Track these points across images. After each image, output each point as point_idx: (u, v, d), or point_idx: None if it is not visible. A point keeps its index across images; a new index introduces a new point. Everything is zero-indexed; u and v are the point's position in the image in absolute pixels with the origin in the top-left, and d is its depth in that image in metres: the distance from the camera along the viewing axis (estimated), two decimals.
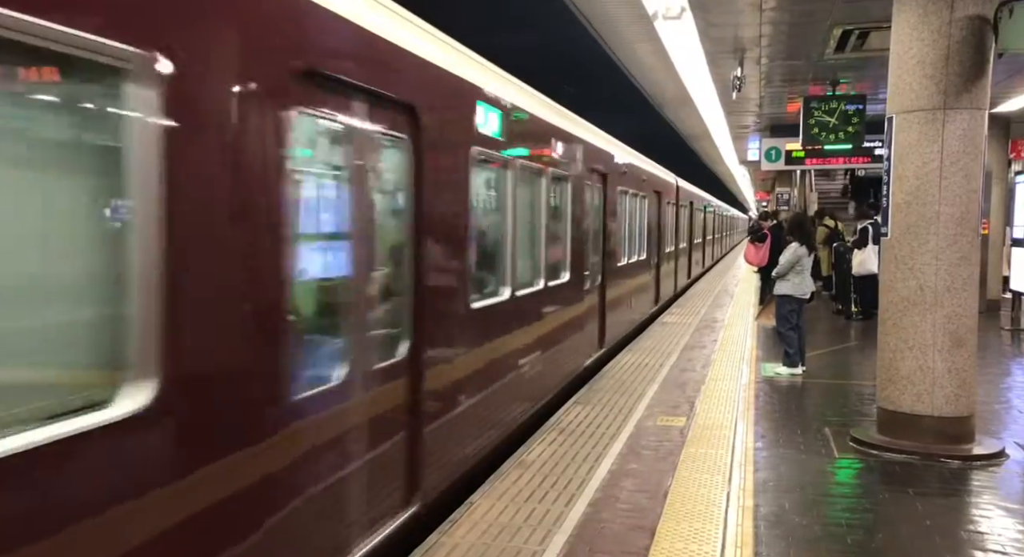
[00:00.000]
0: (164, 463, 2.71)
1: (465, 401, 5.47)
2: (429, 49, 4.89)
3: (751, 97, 14.68)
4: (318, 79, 3.58)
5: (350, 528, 3.93)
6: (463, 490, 5.36)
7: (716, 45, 10.59)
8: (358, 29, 3.98)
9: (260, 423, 3.23)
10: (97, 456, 2.43)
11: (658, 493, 5.19)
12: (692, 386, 8.51)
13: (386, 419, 4.32)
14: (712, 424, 6.94)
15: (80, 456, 2.37)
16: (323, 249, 3.98)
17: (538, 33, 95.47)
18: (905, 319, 6.36)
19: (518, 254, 6.73)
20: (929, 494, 5.40)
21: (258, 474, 3.18)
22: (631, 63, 12.22)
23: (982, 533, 4.74)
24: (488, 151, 5.88)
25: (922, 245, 6.26)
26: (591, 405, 7.58)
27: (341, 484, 3.85)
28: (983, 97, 6.24)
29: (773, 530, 4.68)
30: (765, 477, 5.62)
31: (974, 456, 6.12)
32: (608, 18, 9.59)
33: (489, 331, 6.01)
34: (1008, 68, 10.09)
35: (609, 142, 10.92)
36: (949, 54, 6.13)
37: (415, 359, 4.60)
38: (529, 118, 6.95)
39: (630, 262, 12.50)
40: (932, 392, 6.25)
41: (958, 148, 6.17)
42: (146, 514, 2.61)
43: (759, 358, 10.32)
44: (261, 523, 3.23)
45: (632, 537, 4.50)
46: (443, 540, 4.41)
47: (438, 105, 4.97)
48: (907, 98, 6.33)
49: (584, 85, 46.64)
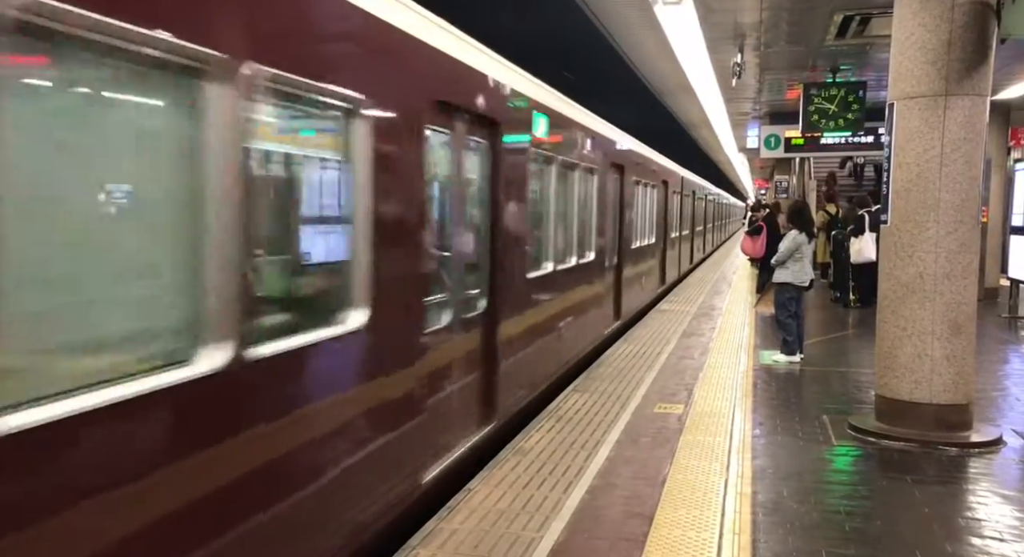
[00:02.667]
0: (376, 366, 4.31)
1: (523, 350, 6.89)
2: (505, 73, 6.36)
3: (750, 84, 14.63)
4: (443, 105, 5.07)
5: (458, 432, 5.54)
6: (522, 418, 6.80)
7: (716, 31, 10.53)
8: (465, 67, 5.48)
9: (425, 348, 4.89)
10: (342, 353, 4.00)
11: (656, 480, 5.20)
12: (690, 374, 8.51)
13: (474, 357, 5.87)
14: (710, 411, 6.94)
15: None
16: (440, 230, 5.34)
17: (537, 18, 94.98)
18: (904, 307, 6.34)
19: (557, 235, 8.22)
20: (927, 481, 5.41)
21: (422, 377, 4.83)
22: (631, 50, 12.16)
23: (979, 520, 4.75)
24: (540, 151, 7.37)
25: (922, 232, 6.24)
26: (589, 393, 7.58)
27: (452, 400, 5.41)
28: (985, 83, 6.20)
29: (771, 517, 4.68)
30: (763, 464, 5.62)
31: (972, 443, 6.12)
32: (609, 4, 9.53)
33: (539, 296, 7.48)
34: (1008, 55, 10.04)
35: (624, 137, 11.91)
36: (951, 40, 6.08)
37: (492, 313, 6.09)
38: (564, 120, 8.24)
39: (642, 245, 13.63)
40: (930, 380, 6.25)
41: (959, 135, 6.14)
42: (374, 396, 4.29)
43: (757, 346, 10.32)
44: (420, 411, 4.81)
45: (630, 524, 4.50)
46: (441, 526, 4.41)
47: (510, 117, 6.43)
48: (908, 84, 6.28)
49: (584, 72, 46.47)
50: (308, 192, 4.14)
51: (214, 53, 2.90)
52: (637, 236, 13.03)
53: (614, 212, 10.97)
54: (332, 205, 4.21)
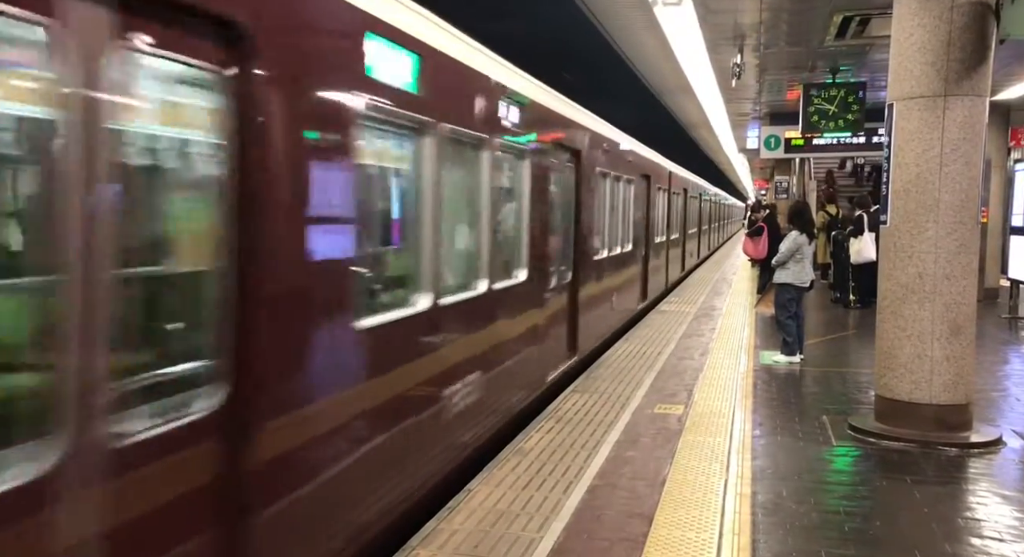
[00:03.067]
0: (530, 303, 7.11)
1: (591, 309, 9.58)
2: (580, 115, 8.99)
3: (750, 85, 14.63)
4: (558, 144, 7.92)
5: (560, 356, 8.32)
6: (591, 357, 9.56)
7: (716, 32, 10.54)
8: (563, 117, 8.17)
9: (548, 299, 7.68)
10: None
11: (656, 481, 5.20)
12: (690, 374, 8.51)
13: (564, 310, 8.46)
14: (710, 412, 6.95)
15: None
16: (554, 225, 7.93)
17: (538, 19, 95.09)
18: (904, 307, 6.35)
19: (607, 230, 10.69)
20: (926, 482, 5.41)
21: (549, 315, 7.69)
22: (631, 50, 12.17)
23: (979, 520, 4.75)
24: (603, 169, 10.05)
25: (921, 233, 6.24)
26: (589, 393, 7.59)
27: (560, 335, 8.27)
28: (984, 84, 6.21)
29: (771, 517, 4.68)
30: (763, 465, 5.62)
31: (971, 444, 6.13)
32: (609, 4, 9.54)
33: (601, 274, 10.19)
34: (1008, 55, 10.04)
35: (645, 148, 14.28)
36: (950, 40, 6.09)
37: (574, 282, 8.80)
38: (614, 142, 10.94)
39: (667, 238, 16.51)
40: (930, 380, 6.25)
41: (959, 135, 6.14)
42: (533, 316, 7.20)
43: (757, 346, 10.32)
44: (547, 337, 7.66)
45: (630, 524, 4.51)
46: (441, 526, 4.41)
47: (586, 146, 9.02)
48: (908, 85, 6.29)
49: (584, 73, 46.49)
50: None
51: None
52: (661, 230, 15.84)
53: (639, 215, 13.15)
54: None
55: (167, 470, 2.77)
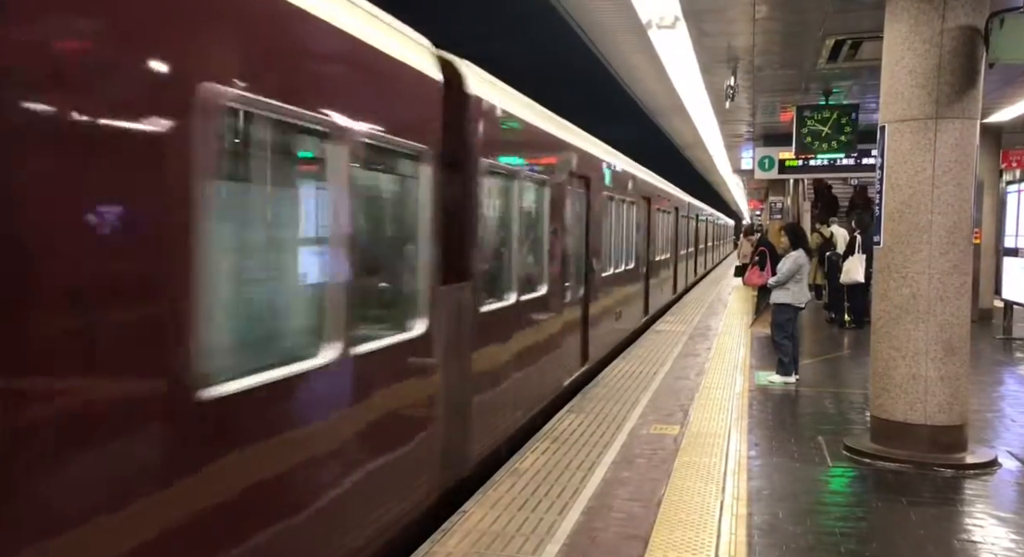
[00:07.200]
0: (551, 313, 8.10)
1: (601, 321, 10.61)
2: (589, 145, 10.01)
3: (744, 106, 14.73)
4: (573, 174, 8.89)
5: (573, 363, 9.15)
6: (598, 366, 10.28)
7: (709, 54, 10.63)
8: (577, 148, 9.28)
9: (563, 310, 8.64)
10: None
11: (651, 502, 5.18)
12: (686, 394, 8.50)
13: (577, 321, 9.26)
14: (706, 432, 6.94)
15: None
16: (567, 246, 8.81)
17: (532, 41, 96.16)
18: (898, 327, 6.37)
19: (612, 250, 11.63)
20: (922, 503, 5.40)
21: (566, 325, 8.71)
22: (625, 72, 12.26)
23: (975, 542, 4.75)
24: (608, 192, 11.09)
25: (915, 254, 6.28)
26: (584, 413, 7.57)
27: (573, 343, 9.12)
28: (975, 107, 6.27)
29: (767, 539, 4.67)
30: (759, 486, 5.61)
31: (967, 465, 6.13)
32: (602, 27, 9.63)
33: (609, 289, 11.27)
34: (999, 79, 10.14)
35: (651, 176, 15.82)
36: (941, 64, 6.16)
37: (585, 298, 9.69)
38: (616, 167, 11.84)
39: (664, 258, 17.62)
40: (925, 401, 6.26)
41: (950, 157, 6.20)
42: (551, 325, 8.19)
43: (753, 366, 10.33)
44: (563, 344, 8.58)
45: (625, 546, 4.49)
46: (436, 549, 4.39)
47: (594, 173, 10.11)
48: (899, 107, 6.36)
49: (578, 93, 47.01)
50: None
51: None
52: (661, 248, 17.19)
53: (642, 235, 14.44)
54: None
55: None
